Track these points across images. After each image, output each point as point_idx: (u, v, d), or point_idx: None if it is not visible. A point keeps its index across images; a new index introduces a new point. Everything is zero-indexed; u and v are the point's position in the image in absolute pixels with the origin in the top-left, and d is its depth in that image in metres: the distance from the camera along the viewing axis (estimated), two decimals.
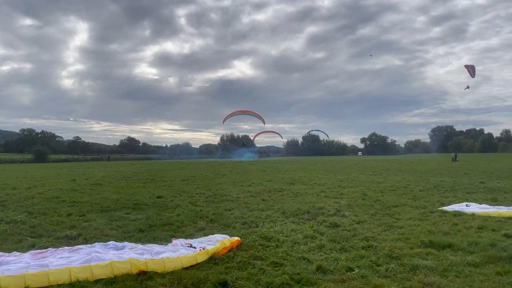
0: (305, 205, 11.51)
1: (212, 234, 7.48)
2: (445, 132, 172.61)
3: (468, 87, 33.49)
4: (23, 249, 6.42)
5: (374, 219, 9.31)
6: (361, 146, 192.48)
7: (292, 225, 8.63)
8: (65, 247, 6.30)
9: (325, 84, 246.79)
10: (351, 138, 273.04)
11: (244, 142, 66.41)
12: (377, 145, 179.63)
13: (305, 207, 10.93)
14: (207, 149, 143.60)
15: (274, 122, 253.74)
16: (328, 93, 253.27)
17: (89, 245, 6.48)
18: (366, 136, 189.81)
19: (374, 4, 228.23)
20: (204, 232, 8.02)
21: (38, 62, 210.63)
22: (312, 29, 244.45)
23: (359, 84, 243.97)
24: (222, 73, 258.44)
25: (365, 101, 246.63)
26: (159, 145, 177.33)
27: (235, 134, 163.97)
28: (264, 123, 55.87)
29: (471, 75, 27.65)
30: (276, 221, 9.17)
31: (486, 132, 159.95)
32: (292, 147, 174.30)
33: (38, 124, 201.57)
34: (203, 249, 6.19)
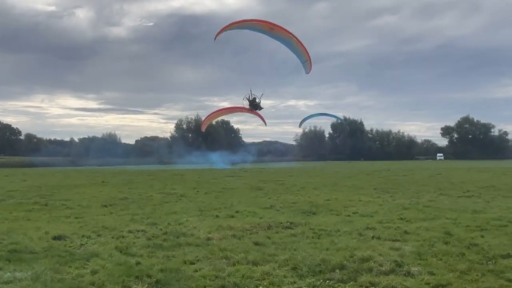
0: (337, 254, 11.53)
1: None
2: None
3: None
4: None
5: (466, 280, 9.37)
6: (443, 142, 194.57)
7: None
8: None
9: (375, 24, 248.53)
10: (423, 128, 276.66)
11: (257, 104, 54.49)
12: (473, 141, 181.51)
13: (336, 258, 10.95)
14: (149, 148, 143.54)
15: (276, 96, 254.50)
16: (381, 41, 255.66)
17: None
18: (452, 123, 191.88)
19: None
20: None
21: None
22: None
23: (438, 25, 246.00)
24: (178, 1, 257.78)
25: (450, 57, 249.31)
26: (59, 138, 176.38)
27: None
28: (308, 62, 45.48)
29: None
30: (282, 284, 9.20)
31: None
32: (313, 144, 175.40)
33: None
34: None
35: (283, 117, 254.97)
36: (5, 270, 10.12)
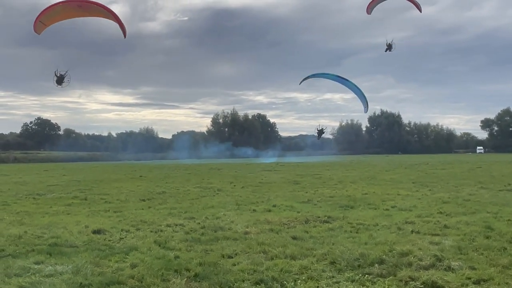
0: (376, 248, 11.49)
1: None
2: None
3: (388, 48, 32.83)
4: None
5: (508, 275, 9.23)
6: (483, 135, 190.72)
7: (350, 287, 8.68)
8: None
9: (411, 16, 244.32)
10: (462, 121, 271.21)
11: None
12: None
13: (375, 253, 10.91)
14: (186, 142, 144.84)
15: (311, 89, 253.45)
16: (418, 33, 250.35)
17: None
18: (492, 116, 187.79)
19: None
20: None
21: None
22: None
23: (477, 16, 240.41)
24: None
25: (490, 48, 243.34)
26: (97, 133, 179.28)
27: (241, 113, 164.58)
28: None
29: (417, 8, 27.09)
30: (320, 278, 9.20)
31: None
32: (349, 137, 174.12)
33: None
34: None
35: (319, 110, 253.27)
36: (47, 264, 10.36)
